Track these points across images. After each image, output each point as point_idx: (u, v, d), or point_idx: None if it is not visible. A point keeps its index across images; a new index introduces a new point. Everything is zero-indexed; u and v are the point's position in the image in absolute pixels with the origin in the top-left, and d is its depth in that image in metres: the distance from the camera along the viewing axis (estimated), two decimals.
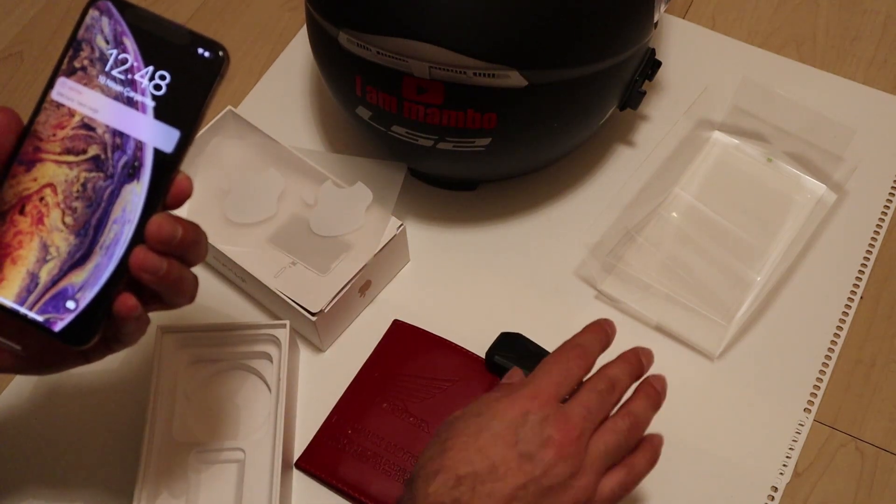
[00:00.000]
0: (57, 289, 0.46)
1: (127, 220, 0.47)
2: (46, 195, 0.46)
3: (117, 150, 0.47)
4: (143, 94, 0.47)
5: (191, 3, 0.93)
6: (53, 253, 0.46)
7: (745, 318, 0.70)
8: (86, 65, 0.47)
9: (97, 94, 0.47)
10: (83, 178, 0.47)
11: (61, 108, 0.47)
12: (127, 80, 0.47)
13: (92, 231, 0.47)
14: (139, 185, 0.47)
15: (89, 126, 0.47)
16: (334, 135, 0.83)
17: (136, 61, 0.47)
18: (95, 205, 0.47)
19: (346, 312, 0.72)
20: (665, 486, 0.66)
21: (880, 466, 0.67)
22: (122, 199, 0.47)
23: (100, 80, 0.47)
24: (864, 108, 0.82)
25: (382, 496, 0.65)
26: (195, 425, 0.67)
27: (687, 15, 0.90)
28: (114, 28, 0.47)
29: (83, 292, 0.46)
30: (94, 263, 0.47)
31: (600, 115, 0.72)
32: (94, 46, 0.47)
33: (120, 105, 0.47)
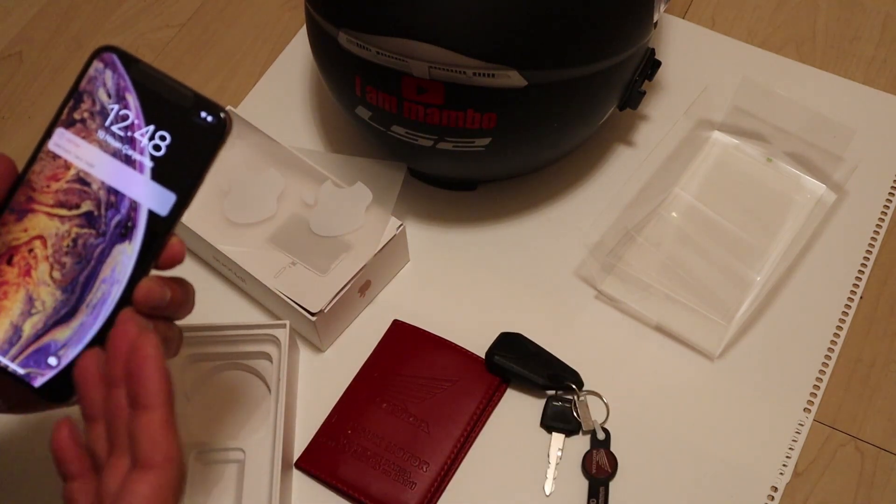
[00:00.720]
0: (40, 343, 0.45)
1: (116, 281, 0.46)
2: (36, 247, 0.45)
3: (111, 207, 0.46)
4: (141, 153, 0.46)
5: (191, 3, 0.93)
6: (39, 307, 0.45)
7: (745, 317, 0.70)
8: (86, 118, 0.46)
9: (95, 149, 0.46)
10: (74, 234, 0.46)
11: (57, 159, 0.46)
12: (126, 137, 0.46)
13: (79, 288, 0.46)
14: (131, 245, 0.46)
15: (84, 181, 0.46)
16: (334, 135, 0.83)
17: (138, 119, 0.46)
18: (85, 262, 0.46)
19: (346, 312, 0.72)
20: (665, 485, 0.66)
21: (880, 466, 0.67)
22: (112, 259, 0.46)
23: (99, 135, 0.46)
24: (863, 107, 0.82)
25: (382, 496, 0.65)
26: (195, 425, 0.67)
27: (687, 15, 0.90)
28: (117, 83, 0.46)
29: (66, 349, 0.45)
30: (79, 321, 0.46)
31: (600, 115, 0.72)
32: (95, 99, 0.46)
33: (117, 162, 0.46)
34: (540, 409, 0.69)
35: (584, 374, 0.69)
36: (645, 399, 0.69)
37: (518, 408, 0.69)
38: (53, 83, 0.89)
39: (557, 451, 0.67)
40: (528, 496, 0.66)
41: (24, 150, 0.85)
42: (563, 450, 0.68)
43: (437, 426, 0.68)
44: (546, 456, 0.67)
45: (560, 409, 0.68)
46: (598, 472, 0.66)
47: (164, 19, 0.93)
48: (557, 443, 0.68)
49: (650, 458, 0.67)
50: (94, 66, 0.46)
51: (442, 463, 0.66)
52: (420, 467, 0.66)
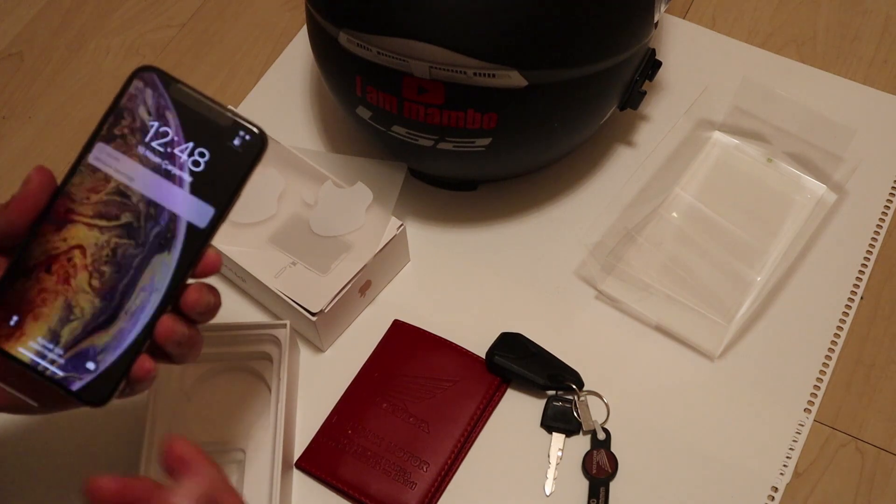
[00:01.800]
0: (78, 349, 0.46)
1: (155, 289, 0.47)
2: (75, 256, 0.47)
3: (151, 219, 0.47)
4: (181, 168, 0.47)
5: (192, 2, 0.93)
6: (77, 314, 0.47)
7: (745, 318, 0.70)
8: (126, 133, 0.47)
9: (135, 164, 0.47)
10: (114, 244, 0.47)
11: (97, 172, 0.47)
12: (166, 153, 0.47)
13: (118, 296, 0.47)
14: (170, 255, 0.47)
15: (124, 193, 0.47)
16: (334, 135, 0.83)
17: (177, 136, 0.47)
18: (124, 271, 0.47)
19: (347, 312, 0.72)
20: (665, 486, 0.66)
21: (880, 467, 0.67)
22: (151, 268, 0.47)
23: (139, 150, 0.47)
24: (864, 108, 0.82)
25: (382, 496, 0.65)
26: (195, 425, 0.67)
27: (687, 15, 0.90)
28: (157, 101, 0.47)
29: (104, 355, 0.47)
30: (118, 328, 0.47)
31: (600, 116, 0.72)
32: (135, 116, 0.47)
33: (157, 177, 0.47)
34: (540, 409, 0.69)
35: (584, 375, 0.69)
36: (645, 399, 0.69)
37: (518, 408, 0.69)
38: (54, 83, 0.89)
39: (558, 451, 0.67)
40: (528, 496, 0.66)
41: (24, 149, 0.85)
42: (564, 450, 0.67)
43: (438, 426, 0.68)
44: (546, 456, 0.67)
45: (560, 410, 0.68)
46: (598, 472, 0.66)
47: (165, 19, 0.93)
48: (558, 443, 0.68)
49: (650, 459, 0.67)
50: (134, 84, 0.47)
51: (442, 463, 0.66)
52: (420, 467, 0.66)
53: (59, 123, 0.86)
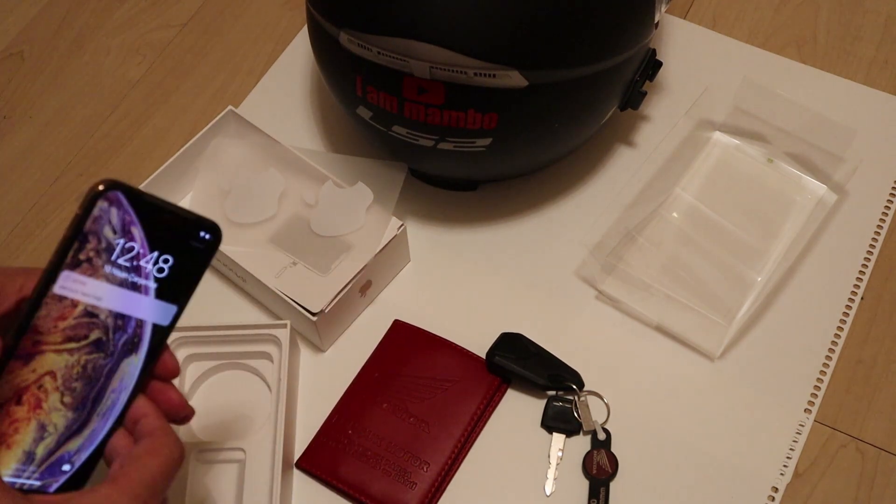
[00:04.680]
0: (53, 458, 0.46)
1: (123, 388, 0.47)
2: (45, 382, 0.46)
3: (119, 330, 0.47)
4: (146, 278, 0.47)
5: (192, 2, 0.93)
6: (51, 430, 0.46)
7: (745, 318, 0.70)
8: (91, 256, 0.46)
9: (102, 283, 0.46)
10: (83, 361, 0.47)
11: (64, 300, 0.46)
12: (132, 266, 0.47)
13: (90, 403, 0.47)
14: (136, 356, 0.47)
15: (92, 313, 0.46)
16: (335, 135, 0.83)
17: (143, 248, 0.47)
18: (94, 381, 0.47)
19: (347, 312, 0.72)
20: (666, 486, 0.66)
21: (881, 467, 0.67)
22: (120, 372, 0.47)
23: (105, 270, 0.46)
24: (864, 108, 0.82)
25: (382, 496, 0.65)
26: (195, 425, 0.67)
27: (688, 15, 0.90)
28: (122, 218, 0.46)
29: (78, 455, 0.47)
30: (90, 429, 0.47)
31: (601, 116, 0.72)
32: (101, 238, 0.46)
33: (124, 290, 0.47)
34: (540, 409, 0.69)
35: (584, 375, 0.69)
36: (646, 399, 0.69)
37: (519, 408, 0.69)
38: (55, 83, 0.89)
39: (558, 451, 0.67)
40: (528, 496, 0.66)
41: (25, 149, 0.85)
42: (564, 450, 0.67)
43: (438, 426, 0.68)
44: (547, 456, 0.67)
45: (561, 410, 0.68)
46: (598, 472, 0.66)
47: (166, 19, 0.93)
48: (558, 443, 0.68)
49: (651, 459, 0.67)
50: (98, 205, 0.45)
51: (442, 463, 0.66)
52: (421, 467, 0.66)
53: (59, 123, 0.86)
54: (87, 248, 0.45)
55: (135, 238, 0.47)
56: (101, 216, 0.45)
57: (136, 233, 0.46)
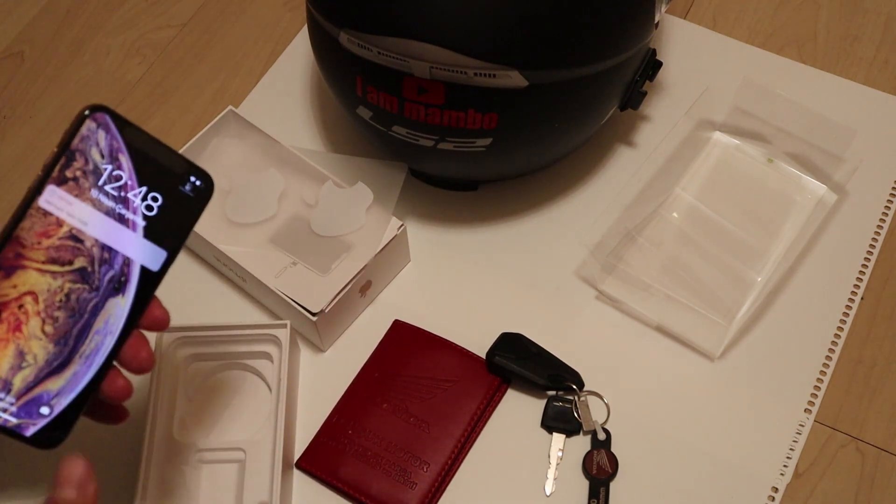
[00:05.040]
0: (31, 395, 0.45)
1: (109, 332, 0.47)
2: (26, 303, 0.45)
3: (105, 264, 0.47)
4: (134, 212, 0.47)
5: (192, 3, 0.93)
6: (30, 360, 0.45)
7: (745, 318, 0.70)
8: (78, 176, 0.45)
9: (88, 207, 0.46)
10: (67, 289, 0.46)
11: (49, 216, 0.45)
12: (120, 197, 0.47)
13: (73, 340, 0.46)
14: (124, 299, 0.47)
15: (77, 238, 0.46)
16: (335, 135, 0.83)
17: (131, 180, 0.47)
18: (78, 315, 0.46)
19: (347, 312, 0.72)
20: (666, 486, 0.66)
21: (881, 467, 0.67)
22: (105, 312, 0.47)
23: (92, 194, 0.46)
24: (864, 108, 0.82)
25: (382, 496, 0.65)
26: (195, 425, 0.67)
27: (688, 15, 0.90)
28: (110, 143, 0.46)
29: (58, 399, 0.46)
30: (72, 371, 0.46)
31: (601, 116, 0.72)
32: (88, 158, 0.46)
33: (111, 221, 0.46)
34: (540, 409, 0.69)
35: (584, 375, 0.69)
36: (646, 399, 0.69)
37: (519, 408, 0.69)
38: (55, 83, 0.89)
39: (558, 451, 0.67)
40: (528, 496, 0.66)
41: (25, 149, 0.85)
42: (564, 450, 0.68)
43: (438, 426, 0.68)
44: (547, 456, 0.67)
45: (561, 410, 0.68)
46: (598, 472, 0.66)
47: (166, 19, 0.93)
48: (558, 443, 0.68)
49: (651, 459, 0.67)
50: (86, 125, 0.45)
51: (442, 463, 0.66)
52: (421, 467, 0.66)
53: (59, 123, 0.86)
54: (73, 167, 0.45)
55: (123, 167, 0.46)
56: (88, 136, 0.45)
57: (124, 161, 0.46)
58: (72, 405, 0.46)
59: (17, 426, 0.45)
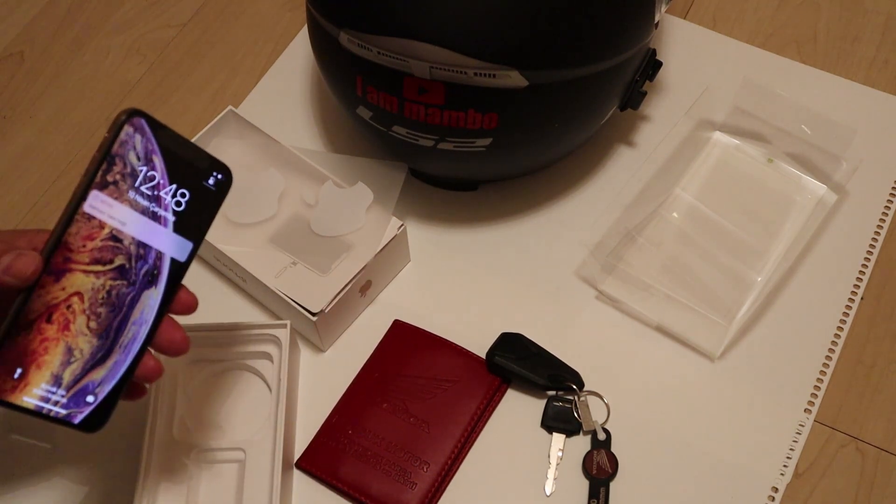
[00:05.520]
0: (79, 386, 0.49)
1: (144, 321, 0.50)
2: (73, 303, 0.48)
3: (140, 259, 0.50)
4: (166, 209, 0.50)
5: (192, 3, 0.93)
6: (77, 355, 0.48)
7: (745, 318, 0.70)
8: (118, 179, 0.48)
9: (126, 208, 0.49)
10: (108, 286, 0.49)
11: (92, 220, 0.48)
12: (153, 195, 0.50)
13: (113, 333, 0.49)
14: (156, 290, 0.51)
15: (117, 238, 0.49)
16: (335, 135, 0.83)
17: (163, 179, 0.50)
18: (118, 309, 0.49)
19: (347, 312, 0.72)
20: (666, 486, 0.66)
21: (881, 467, 0.67)
22: (141, 303, 0.50)
23: (129, 195, 0.49)
24: (864, 108, 0.82)
25: (382, 496, 0.65)
26: (195, 425, 0.67)
27: (688, 15, 0.90)
28: (146, 146, 0.49)
29: (102, 387, 0.49)
30: (113, 360, 0.50)
31: (601, 116, 0.72)
32: (126, 162, 0.48)
33: (146, 219, 0.50)
34: (540, 409, 0.69)
35: (584, 375, 0.69)
36: (646, 399, 0.69)
37: (519, 408, 0.69)
38: (55, 83, 0.89)
39: (558, 451, 0.67)
40: (528, 496, 0.66)
41: (25, 149, 0.85)
42: (564, 450, 0.68)
43: (438, 426, 0.68)
44: (547, 456, 0.67)
45: (561, 410, 0.68)
46: (598, 472, 0.66)
47: (166, 19, 0.93)
48: (558, 443, 0.68)
49: (651, 459, 0.67)
50: (125, 130, 0.48)
51: (442, 463, 0.66)
52: (421, 467, 0.66)
53: (59, 123, 0.86)
54: (114, 171, 0.48)
55: (156, 167, 0.49)
56: (127, 141, 0.48)
57: (157, 162, 0.49)
58: (113, 391, 0.50)
59: (68, 416, 0.48)
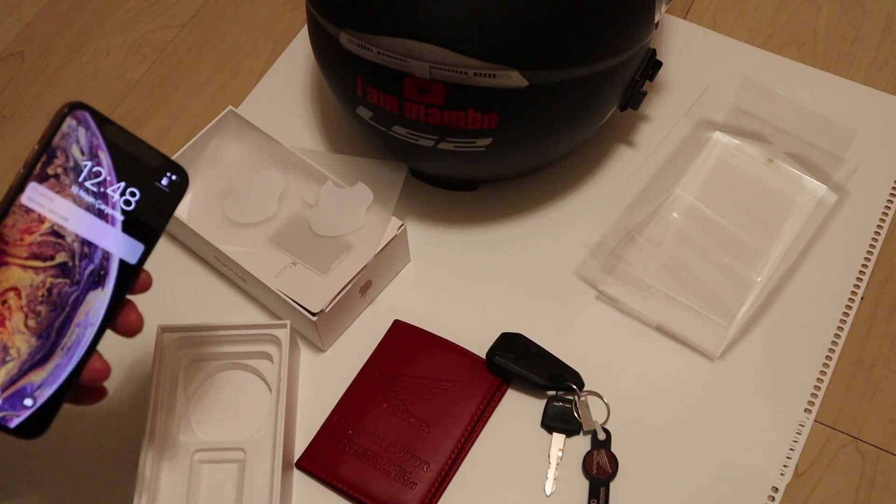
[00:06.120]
0: (15, 388, 0.46)
1: (89, 324, 0.48)
2: (9, 298, 0.46)
3: (85, 258, 0.48)
4: (113, 207, 0.48)
5: (192, 3, 0.93)
6: (13, 354, 0.46)
7: (745, 318, 0.70)
8: (59, 173, 0.47)
9: (69, 203, 0.47)
10: (49, 283, 0.47)
11: (31, 213, 0.46)
12: (99, 192, 0.48)
13: (54, 334, 0.47)
14: (103, 292, 0.48)
15: (59, 233, 0.47)
16: (335, 135, 0.83)
17: (110, 176, 0.48)
18: (59, 309, 0.47)
19: (347, 312, 0.72)
20: (666, 486, 0.66)
21: (881, 467, 0.67)
22: (86, 304, 0.48)
23: (72, 190, 0.47)
24: (864, 108, 0.82)
25: (382, 496, 0.65)
26: (195, 425, 0.67)
27: (688, 15, 0.90)
28: (90, 140, 0.47)
29: (41, 390, 0.47)
30: (54, 363, 0.47)
31: (601, 116, 0.72)
32: (68, 155, 0.47)
33: (91, 216, 0.48)
34: (540, 409, 0.69)
35: (584, 375, 0.69)
36: (646, 399, 0.69)
37: (519, 408, 0.69)
38: (55, 83, 0.89)
39: (558, 451, 0.67)
40: (528, 496, 0.66)
41: (25, 149, 0.85)
42: (564, 450, 0.68)
43: (438, 426, 0.68)
44: (547, 456, 0.67)
45: (561, 410, 0.68)
46: (598, 472, 0.66)
47: (166, 19, 0.93)
48: (558, 443, 0.68)
49: (651, 459, 0.67)
50: (66, 122, 0.46)
51: (442, 463, 0.66)
52: (421, 467, 0.66)
53: None
54: (54, 164, 0.46)
55: (102, 163, 0.48)
56: (69, 133, 0.46)
57: (103, 158, 0.47)
58: (54, 396, 0.47)
59: (3, 419, 0.46)
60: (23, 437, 0.47)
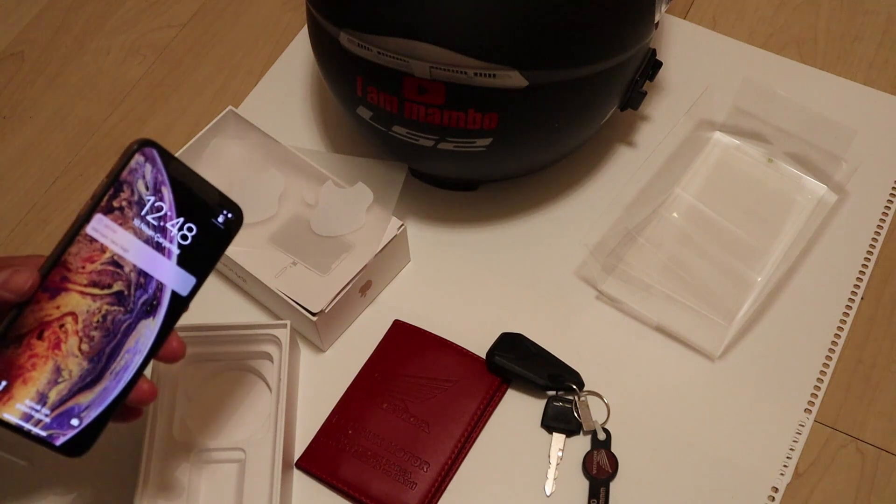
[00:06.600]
0: (64, 408, 0.48)
1: (138, 351, 0.50)
2: (67, 323, 0.48)
3: (140, 288, 0.50)
4: (171, 241, 0.50)
5: (192, 3, 0.93)
6: (66, 376, 0.48)
7: (745, 318, 0.70)
8: (124, 206, 0.49)
9: (130, 236, 0.49)
10: (105, 311, 0.49)
11: (94, 242, 0.48)
12: (159, 226, 0.50)
13: (105, 358, 0.49)
14: (154, 321, 0.51)
15: (118, 263, 0.49)
16: (335, 135, 0.83)
17: (170, 211, 0.50)
18: (112, 335, 0.49)
19: (347, 312, 0.72)
20: (666, 486, 0.66)
21: (881, 467, 0.67)
22: (136, 332, 0.50)
23: (134, 223, 0.49)
24: (864, 108, 0.82)
25: (382, 496, 0.65)
26: (195, 425, 0.67)
27: (688, 15, 0.90)
28: (155, 177, 0.49)
29: (88, 411, 0.49)
30: (102, 386, 0.49)
31: (601, 116, 0.72)
32: (134, 190, 0.49)
33: (149, 248, 0.50)
34: (540, 409, 0.69)
35: (584, 375, 0.69)
36: (646, 399, 0.69)
37: (519, 408, 0.69)
38: (55, 83, 0.89)
39: (558, 451, 0.67)
40: (528, 496, 0.66)
41: (25, 149, 0.85)
42: (564, 450, 0.68)
43: (438, 426, 0.68)
44: (547, 456, 0.67)
45: (561, 410, 0.68)
46: (598, 472, 0.66)
47: (166, 19, 0.93)
48: (558, 443, 0.68)
49: (651, 459, 0.67)
50: (135, 158, 0.48)
51: (443, 463, 0.66)
52: (421, 467, 0.66)
53: (59, 123, 0.86)
54: (120, 197, 0.48)
55: (164, 199, 0.50)
56: (136, 169, 0.48)
57: (165, 193, 0.50)
58: (99, 417, 0.49)
59: (50, 436, 0.48)
60: (67, 454, 0.49)
